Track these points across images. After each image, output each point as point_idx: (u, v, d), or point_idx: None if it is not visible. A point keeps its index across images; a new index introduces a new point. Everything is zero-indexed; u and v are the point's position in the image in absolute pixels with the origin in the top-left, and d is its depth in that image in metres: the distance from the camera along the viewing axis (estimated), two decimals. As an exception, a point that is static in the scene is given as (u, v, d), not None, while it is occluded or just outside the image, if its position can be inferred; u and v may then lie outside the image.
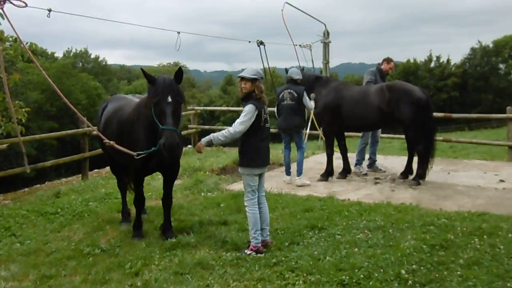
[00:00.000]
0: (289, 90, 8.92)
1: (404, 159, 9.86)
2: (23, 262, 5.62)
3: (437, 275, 4.59)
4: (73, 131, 11.85)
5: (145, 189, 7.85)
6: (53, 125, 45.14)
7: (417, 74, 58.77)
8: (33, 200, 9.15)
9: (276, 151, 13.64)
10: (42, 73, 6.18)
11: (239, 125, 5.40)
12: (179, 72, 5.62)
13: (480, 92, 56.58)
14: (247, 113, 5.40)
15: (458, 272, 4.63)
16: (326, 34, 13.15)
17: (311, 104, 8.99)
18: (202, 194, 8.49)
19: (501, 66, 59.29)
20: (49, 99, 47.31)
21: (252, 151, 5.50)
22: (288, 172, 9.34)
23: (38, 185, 11.52)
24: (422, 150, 8.74)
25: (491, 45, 59.54)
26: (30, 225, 7.22)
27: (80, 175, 11.62)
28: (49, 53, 62.57)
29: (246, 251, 5.52)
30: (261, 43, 10.52)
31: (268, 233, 5.76)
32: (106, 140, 5.99)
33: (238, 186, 8.87)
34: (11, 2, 5.05)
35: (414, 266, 4.79)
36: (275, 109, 9.27)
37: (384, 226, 6.11)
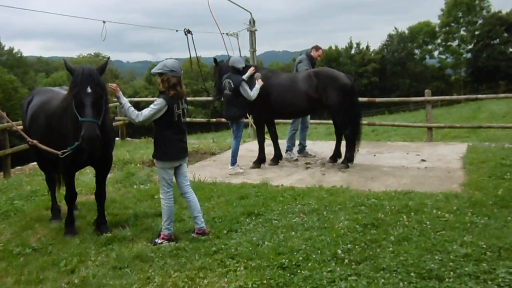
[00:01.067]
0: (228, 80, 8.86)
1: (332, 144, 10.19)
2: None
3: (371, 253, 4.81)
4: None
5: (75, 184, 7.61)
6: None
7: (339, 61, 60.58)
8: (-50, 201, 8.57)
9: (207, 141, 13.64)
10: None
11: (142, 116, 5.41)
12: (105, 62, 5.47)
13: (398, 77, 59.28)
14: (154, 107, 5.38)
15: (390, 249, 4.87)
16: (252, 22, 13.23)
17: (250, 93, 8.78)
18: (135, 186, 8.33)
19: (416, 51, 62.50)
20: (-41, 94, 44.45)
21: (165, 145, 5.48)
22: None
23: (-46, 186, 10.78)
24: (349, 134, 9.05)
25: (406, 32, 62.42)
26: (-51, 228, 6.78)
27: (2, 173, 11.01)
28: (-43, 45, 58.56)
29: (156, 240, 5.54)
30: (189, 31, 10.42)
31: (203, 219, 5.77)
32: (29, 139, 5.74)
33: (171, 177, 8.77)
34: None
35: (349, 246, 4.99)
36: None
37: (318, 209, 6.30)
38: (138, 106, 5.68)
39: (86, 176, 9.25)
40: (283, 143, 10.34)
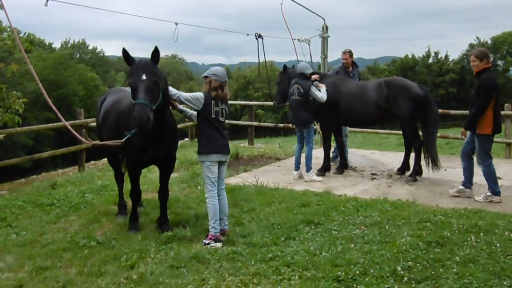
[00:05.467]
0: (297, 85, 8.85)
1: (401, 155, 9.86)
2: (19, 253, 5.62)
3: (432, 272, 4.60)
4: (70, 122, 11.75)
5: (142, 182, 7.83)
6: (50, 115, 44.90)
7: (415, 70, 58.89)
8: (29, 191, 9.14)
9: (273, 146, 13.66)
10: (29, 67, 6.20)
11: (181, 96, 5.83)
12: (155, 52, 5.56)
13: (478, 88, 56.54)
14: (193, 95, 5.79)
15: (454, 270, 4.63)
16: (325, 28, 13.10)
17: (321, 95, 8.73)
18: (199, 187, 8.45)
19: (499, 62, 59.38)
20: (47, 90, 46.46)
21: (207, 139, 5.78)
22: (296, 167, 9.28)
23: (34, 176, 11.49)
24: (418, 146, 8.75)
25: (489, 42, 59.64)
26: (26, 216, 7.21)
27: (77, 166, 11.58)
28: (47, 43, 62.21)
29: (205, 240, 5.70)
30: (259, 36, 10.48)
31: (227, 222, 6.02)
32: (84, 140, 6.03)
33: (235, 180, 8.86)
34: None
35: (410, 263, 4.79)
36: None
37: (380, 222, 6.11)
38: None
39: (154, 174, 9.52)
40: (350, 152, 10.13)
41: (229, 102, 6.07)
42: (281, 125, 15.34)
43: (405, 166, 9.30)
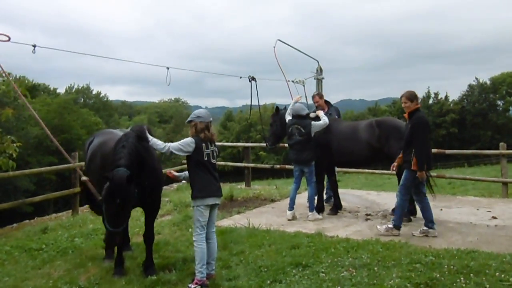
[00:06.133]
0: (296, 126, 8.91)
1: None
2: (-2, 300, 5.51)
3: (419, 315, 4.46)
4: (64, 166, 11.78)
5: (132, 225, 7.76)
6: (52, 160, 45.12)
7: (416, 111, 59.01)
8: (19, 236, 9.03)
9: (270, 187, 13.58)
10: (32, 112, 6.29)
11: (170, 148, 5.72)
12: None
13: (479, 128, 56.80)
14: (182, 142, 5.73)
15: (441, 312, 4.50)
16: (319, 70, 13.24)
17: (323, 121, 8.84)
18: (190, 230, 8.33)
19: (499, 102, 59.72)
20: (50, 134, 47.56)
21: (199, 183, 5.72)
22: (291, 207, 9.18)
23: (27, 221, 11.40)
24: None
25: (488, 82, 60.16)
26: (12, 261, 7.10)
27: (70, 210, 11.50)
28: (52, 89, 63.18)
29: (190, 285, 5.56)
30: (253, 78, 10.60)
31: (214, 267, 5.90)
32: (84, 177, 6.00)
33: (227, 222, 8.75)
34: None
35: (396, 306, 4.66)
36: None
37: (370, 264, 5.98)
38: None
39: (146, 217, 9.42)
40: (342, 192, 10.04)
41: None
42: (278, 166, 15.33)
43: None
